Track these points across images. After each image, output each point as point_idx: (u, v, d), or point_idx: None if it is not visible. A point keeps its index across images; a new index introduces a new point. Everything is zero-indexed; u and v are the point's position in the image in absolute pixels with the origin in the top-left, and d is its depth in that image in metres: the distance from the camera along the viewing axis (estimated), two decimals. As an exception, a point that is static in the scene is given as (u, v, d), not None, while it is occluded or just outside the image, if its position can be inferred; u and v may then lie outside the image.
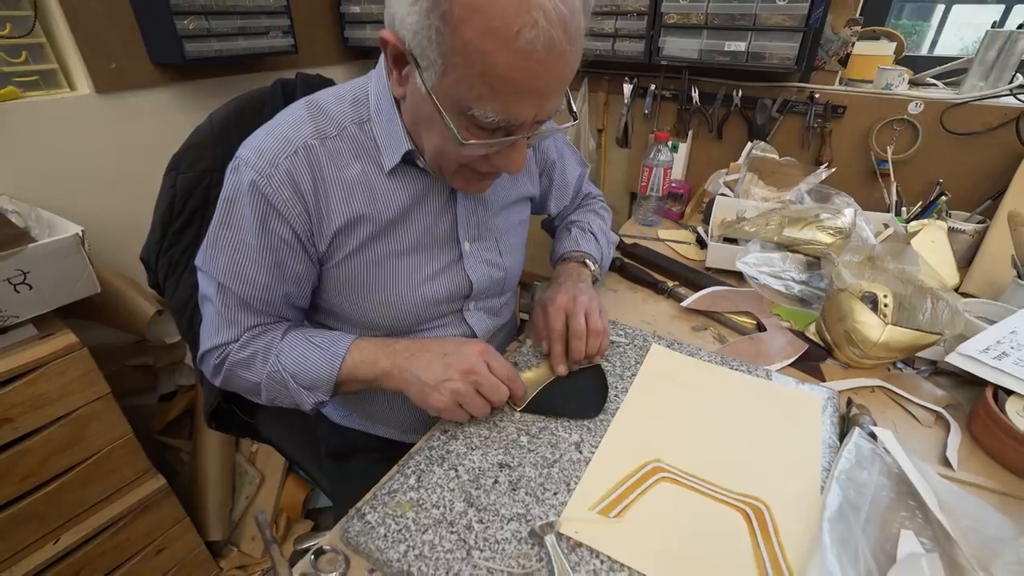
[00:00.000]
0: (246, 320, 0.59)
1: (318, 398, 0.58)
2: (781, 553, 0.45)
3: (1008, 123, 1.00)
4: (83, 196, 1.12)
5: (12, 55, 0.99)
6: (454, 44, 0.43)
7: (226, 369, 0.60)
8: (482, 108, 0.45)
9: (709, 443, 0.56)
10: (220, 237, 0.56)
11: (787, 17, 1.03)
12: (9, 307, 0.80)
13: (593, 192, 0.92)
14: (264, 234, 0.55)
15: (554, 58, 0.43)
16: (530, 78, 0.44)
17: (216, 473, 1.27)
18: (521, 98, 0.45)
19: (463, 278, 0.66)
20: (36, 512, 0.89)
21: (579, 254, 0.78)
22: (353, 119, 0.57)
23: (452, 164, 0.54)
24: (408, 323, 0.65)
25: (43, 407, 0.85)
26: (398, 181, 0.59)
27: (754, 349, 0.74)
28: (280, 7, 1.25)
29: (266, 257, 0.56)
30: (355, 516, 0.48)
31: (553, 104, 0.49)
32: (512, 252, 0.72)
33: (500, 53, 0.42)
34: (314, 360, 0.57)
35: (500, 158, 0.53)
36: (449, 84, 0.46)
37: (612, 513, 0.48)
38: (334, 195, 0.56)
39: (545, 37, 0.41)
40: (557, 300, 0.67)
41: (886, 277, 0.76)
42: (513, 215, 0.73)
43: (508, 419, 0.59)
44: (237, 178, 0.55)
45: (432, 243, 0.63)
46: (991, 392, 0.60)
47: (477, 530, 0.46)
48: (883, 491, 0.50)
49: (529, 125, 0.49)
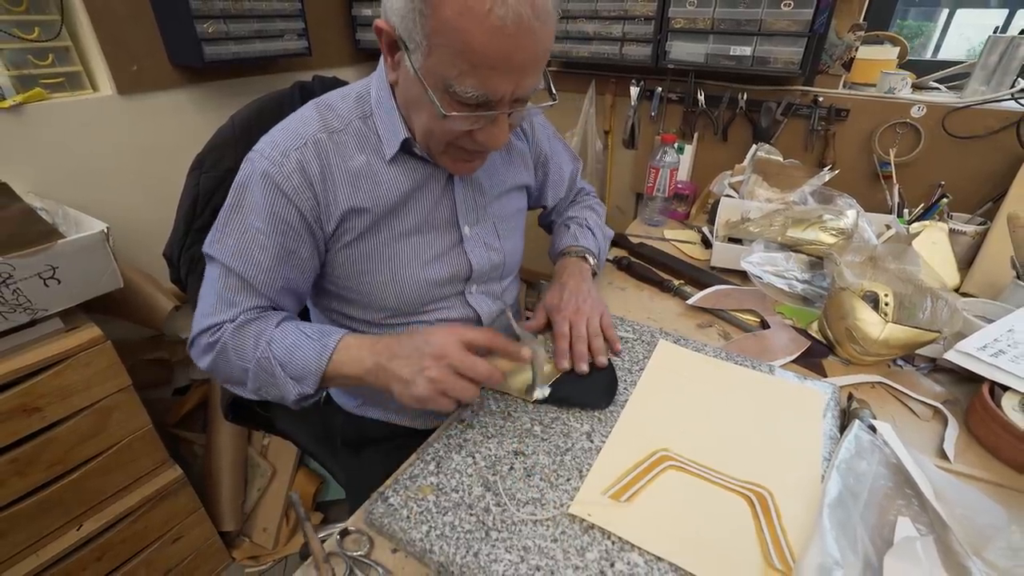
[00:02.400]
0: (244, 302, 0.60)
1: (304, 390, 0.57)
2: (783, 536, 0.47)
3: (1009, 127, 1.02)
4: (104, 193, 1.16)
5: (39, 58, 1.02)
6: (435, 25, 0.47)
7: (217, 350, 0.59)
8: (462, 84, 0.50)
9: (714, 434, 0.59)
10: (229, 220, 0.59)
11: (792, 23, 1.05)
12: (39, 300, 0.83)
13: (586, 188, 0.96)
14: (272, 218, 0.58)
15: (524, 33, 0.47)
16: (503, 54, 0.48)
17: (229, 466, 1.30)
18: (497, 73, 0.49)
19: (464, 260, 0.69)
20: (61, 499, 0.92)
21: (579, 249, 0.82)
22: (357, 114, 0.62)
23: (440, 143, 0.58)
24: (413, 304, 0.69)
25: (69, 398, 0.88)
26: (399, 169, 0.63)
27: (758, 345, 0.76)
28: (295, 11, 1.28)
29: (273, 240, 0.59)
30: (378, 499, 0.51)
31: (529, 82, 0.52)
32: (510, 237, 0.76)
33: (475, 30, 0.46)
34: (304, 350, 0.57)
35: (483, 134, 0.56)
36: (433, 63, 0.50)
37: (623, 498, 0.50)
38: (341, 183, 0.60)
39: (514, 13, 0.46)
40: (562, 309, 0.71)
41: (887, 277, 0.78)
42: (510, 202, 0.77)
43: (522, 409, 0.62)
44: (250, 167, 0.59)
45: (433, 226, 0.67)
46: (987, 388, 0.62)
47: (495, 512, 0.49)
48: (881, 480, 0.52)
49: (508, 102, 0.53)
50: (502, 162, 0.74)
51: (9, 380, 0.81)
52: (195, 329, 0.61)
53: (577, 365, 0.66)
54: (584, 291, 0.74)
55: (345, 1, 1.57)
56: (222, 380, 0.64)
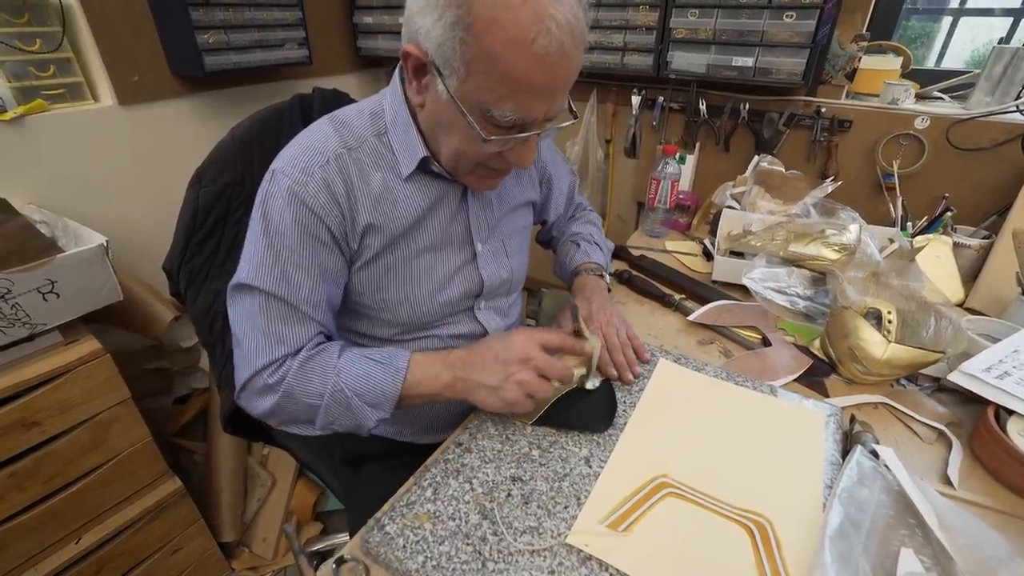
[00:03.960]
0: (298, 333, 0.58)
1: (381, 415, 0.59)
2: (784, 568, 0.47)
3: (1014, 139, 1.01)
4: (105, 204, 1.15)
5: (41, 69, 1.02)
6: (477, 52, 0.48)
7: (283, 391, 0.57)
8: (500, 108, 0.50)
9: (714, 459, 0.58)
10: (261, 246, 0.57)
11: (794, 33, 1.04)
12: (38, 315, 0.83)
13: (584, 203, 0.97)
14: (304, 237, 0.57)
15: (563, 60, 0.49)
16: (544, 79, 0.49)
17: (229, 476, 1.29)
18: (535, 98, 0.51)
19: (476, 277, 0.70)
20: (59, 512, 0.92)
21: (595, 267, 0.84)
22: (372, 131, 0.62)
23: (469, 163, 0.59)
24: (424, 320, 0.69)
25: (68, 411, 0.88)
26: (415, 186, 0.63)
27: (759, 364, 0.76)
28: (296, 20, 1.28)
29: (308, 259, 0.58)
30: (375, 527, 0.50)
31: (561, 103, 0.54)
32: (517, 255, 0.76)
33: (518, 59, 0.47)
34: (378, 377, 0.58)
35: (513, 154, 0.57)
36: (470, 88, 0.50)
37: (620, 527, 0.50)
38: (363, 201, 0.60)
39: (557, 42, 0.47)
40: (594, 321, 0.74)
41: (890, 293, 0.77)
42: (518, 219, 0.77)
43: (520, 432, 0.61)
44: (274, 188, 0.57)
45: (449, 243, 0.67)
46: (993, 411, 0.61)
47: (492, 542, 0.48)
48: (884, 509, 0.52)
49: (540, 123, 0.54)
50: (512, 180, 0.75)
51: (8, 395, 0.81)
52: (247, 372, 0.58)
53: (623, 374, 0.70)
54: (609, 307, 0.77)
55: (346, 9, 1.57)
56: (283, 421, 0.62)
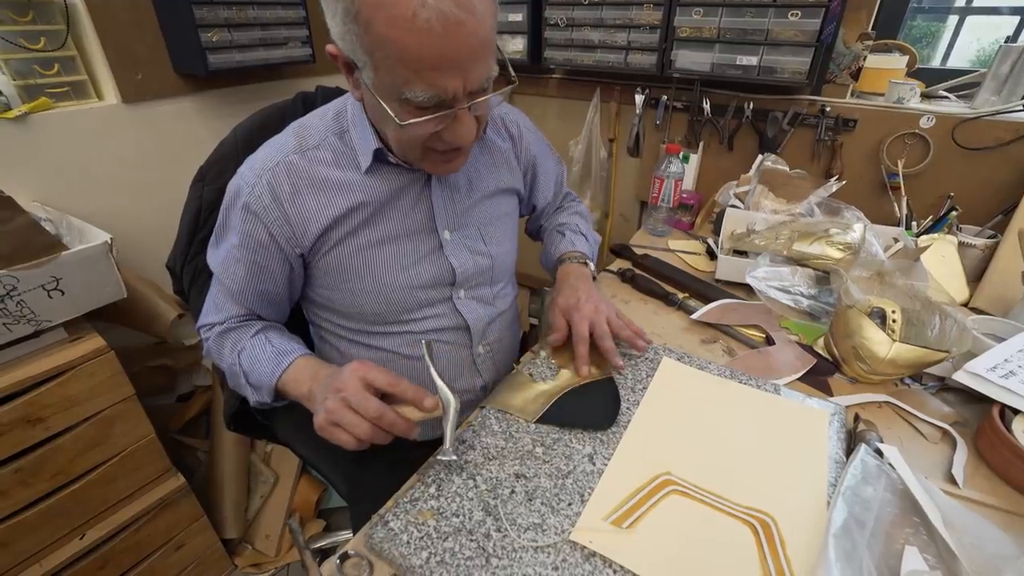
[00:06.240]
0: (228, 309, 0.68)
1: (260, 398, 0.64)
2: (788, 565, 0.47)
3: (1020, 138, 1.00)
4: (109, 201, 1.16)
5: (45, 67, 1.02)
6: (371, 40, 0.48)
7: (206, 349, 0.70)
8: (411, 90, 0.50)
9: (718, 456, 0.58)
10: (217, 237, 0.67)
11: (799, 32, 1.04)
12: (43, 312, 0.83)
13: (572, 194, 0.98)
14: (244, 236, 0.63)
15: (453, 28, 0.47)
16: (438, 53, 0.48)
17: (232, 472, 1.30)
18: (440, 73, 0.49)
19: (446, 265, 0.70)
20: (64, 509, 0.92)
21: (579, 255, 0.84)
22: (334, 131, 0.64)
23: (415, 150, 0.59)
24: (398, 309, 0.70)
25: (72, 408, 0.88)
26: (375, 178, 0.65)
27: (763, 362, 0.76)
28: (299, 18, 1.27)
29: (246, 256, 0.64)
30: (379, 523, 0.50)
31: (478, 74, 0.52)
32: (498, 242, 0.76)
33: (405, 37, 0.47)
34: (263, 364, 0.63)
35: (449, 132, 0.56)
36: (382, 77, 0.51)
37: (624, 524, 0.50)
38: (315, 198, 0.62)
39: (438, 13, 0.46)
40: (581, 308, 0.71)
41: (895, 292, 0.77)
42: (496, 206, 0.77)
43: (523, 430, 0.61)
44: (232, 188, 0.64)
45: (411, 232, 0.68)
46: (998, 411, 0.61)
47: (495, 539, 0.49)
48: (888, 507, 0.51)
49: (463, 97, 0.53)
50: (485, 165, 0.74)
51: (13, 391, 0.81)
52: (198, 323, 0.71)
53: (613, 360, 0.69)
54: (595, 295, 0.75)
55: (349, 7, 1.57)
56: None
